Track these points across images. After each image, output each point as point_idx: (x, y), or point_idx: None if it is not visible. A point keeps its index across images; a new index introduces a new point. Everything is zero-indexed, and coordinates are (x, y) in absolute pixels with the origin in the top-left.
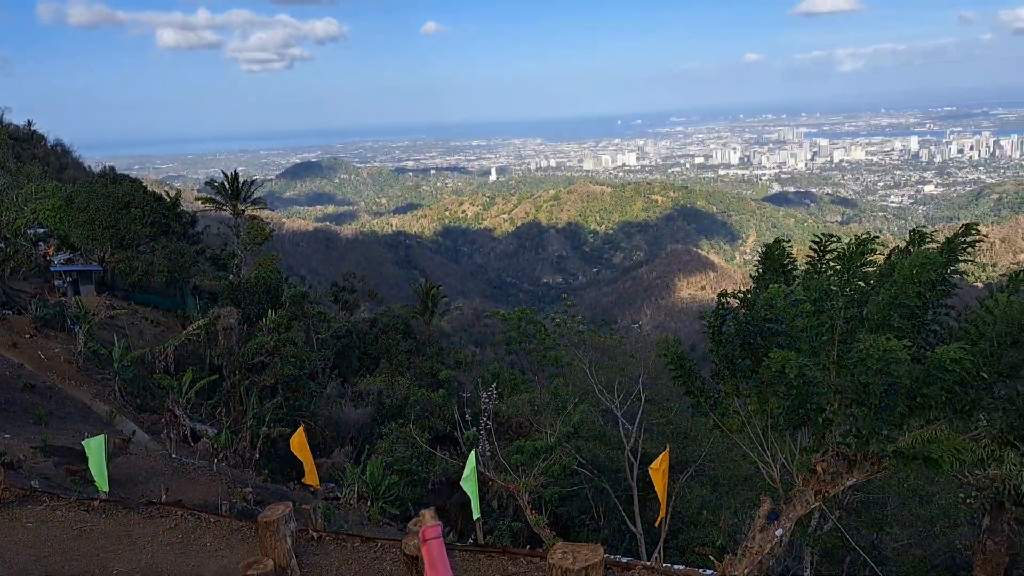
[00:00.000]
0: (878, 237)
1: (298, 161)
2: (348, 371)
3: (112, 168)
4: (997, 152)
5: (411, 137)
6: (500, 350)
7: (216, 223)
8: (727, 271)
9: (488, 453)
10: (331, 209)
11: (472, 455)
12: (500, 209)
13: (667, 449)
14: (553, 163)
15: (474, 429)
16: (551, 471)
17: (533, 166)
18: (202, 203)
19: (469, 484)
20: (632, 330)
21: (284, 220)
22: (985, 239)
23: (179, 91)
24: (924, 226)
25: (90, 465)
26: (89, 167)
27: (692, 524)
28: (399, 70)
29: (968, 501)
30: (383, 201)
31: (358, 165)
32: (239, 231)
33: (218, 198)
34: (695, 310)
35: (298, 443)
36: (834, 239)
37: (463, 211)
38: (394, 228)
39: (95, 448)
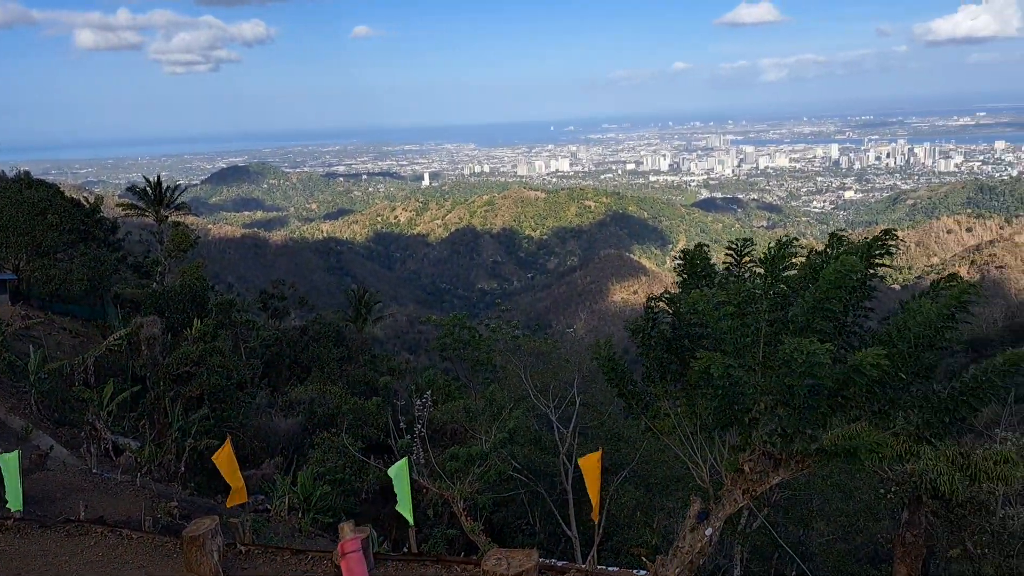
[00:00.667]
0: (797, 240)
1: (225, 166)
2: (278, 380)
3: (27, 173)
4: (911, 159)
5: (342, 142)
6: (434, 356)
7: (139, 230)
8: (659, 275)
9: (422, 461)
10: (259, 215)
11: (404, 460)
12: (434, 215)
13: (600, 451)
14: (487, 168)
15: (408, 437)
16: (486, 477)
17: (467, 171)
18: (123, 209)
19: (399, 484)
20: (567, 334)
21: (210, 226)
22: (902, 243)
23: (99, 93)
24: (844, 230)
25: (4, 482)
26: (2, 172)
27: (626, 526)
28: (330, 74)
29: (888, 496)
30: (313, 207)
31: (287, 170)
32: (163, 238)
33: (140, 204)
34: (628, 314)
35: (224, 458)
36: (750, 243)
37: (396, 217)
38: (325, 234)
39: (10, 464)
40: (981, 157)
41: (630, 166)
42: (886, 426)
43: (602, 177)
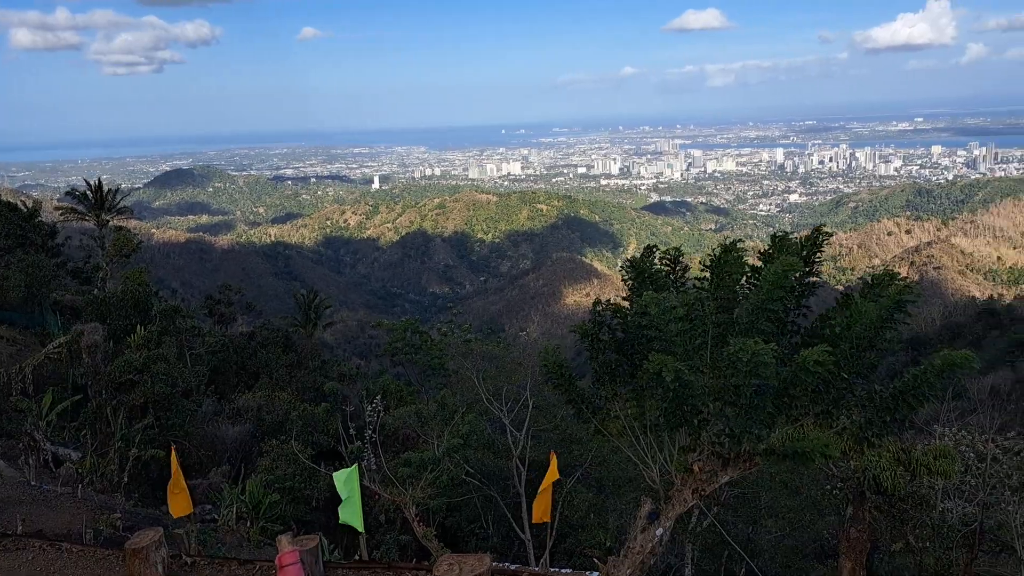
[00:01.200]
0: (742, 241)
1: (168, 169)
2: (225, 387)
3: None
4: (853, 163)
5: (289, 144)
6: (386, 361)
7: (79, 234)
8: (611, 278)
9: (374, 467)
10: (205, 219)
11: (354, 467)
12: (384, 218)
13: (553, 456)
14: (438, 171)
15: (359, 443)
16: (439, 482)
17: (417, 174)
18: (63, 213)
19: (344, 486)
20: (519, 338)
21: (154, 231)
22: (831, 236)
23: (36, 95)
24: (790, 232)
25: None
26: None
27: (580, 527)
28: (276, 75)
29: (833, 492)
30: (261, 210)
31: (233, 173)
32: (104, 243)
33: (80, 208)
34: (580, 317)
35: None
36: (680, 252)
37: (345, 220)
38: (273, 238)
39: None
40: (919, 161)
41: (581, 170)
42: (830, 425)
43: (554, 180)
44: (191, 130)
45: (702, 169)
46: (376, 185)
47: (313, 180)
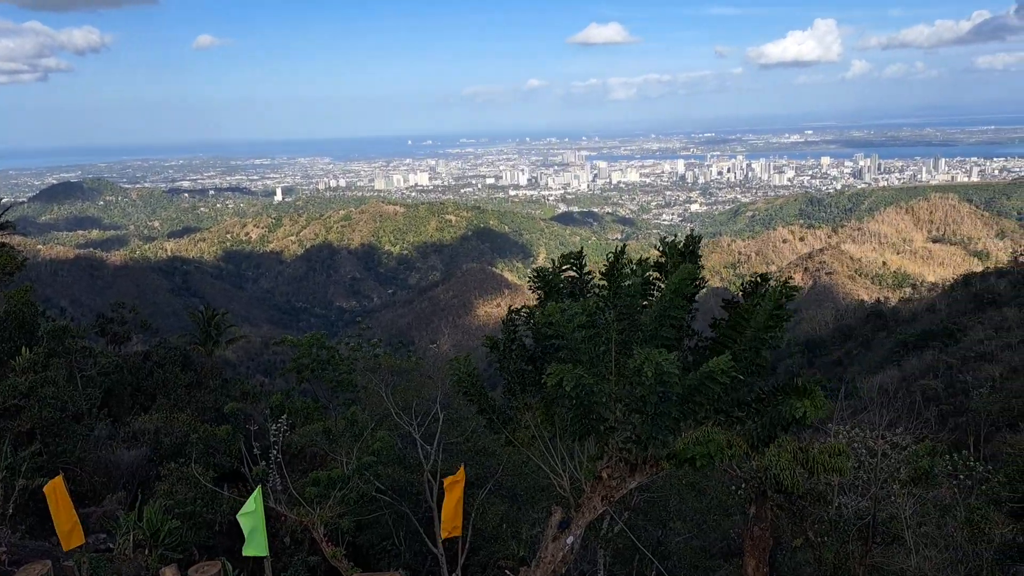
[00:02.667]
0: (625, 246)
1: (56, 182)
2: (120, 410)
3: None
4: (750, 174)
5: (186, 156)
6: (291, 378)
7: None
8: (522, 288)
9: (280, 487)
10: (96, 234)
11: (257, 491)
12: (287, 231)
13: (462, 467)
14: (343, 183)
15: (263, 463)
16: (348, 500)
17: (322, 186)
18: None
19: (248, 519)
20: (430, 351)
21: (40, 247)
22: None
23: None
24: (675, 238)
25: None
26: None
27: (493, 539)
28: (171, 84)
29: (738, 492)
30: (156, 224)
31: (126, 186)
32: None
33: None
34: (492, 328)
35: (55, 496)
36: (581, 256)
37: (247, 233)
38: (169, 253)
39: None
40: (810, 172)
41: (490, 180)
42: (733, 427)
43: (462, 191)
44: (80, 141)
45: (607, 180)
46: (279, 197)
47: (212, 192)
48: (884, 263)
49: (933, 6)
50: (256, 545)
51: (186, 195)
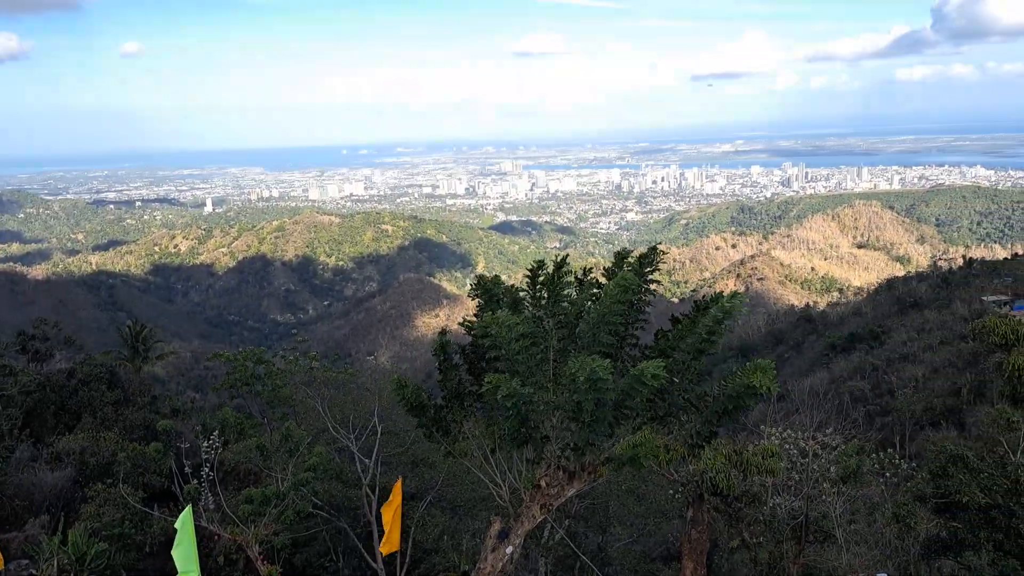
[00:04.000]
0: (567, 256)
1: None
2: (42, 430)
3: None
4: (683, 183)
5: (111, 166)
6: (224, 394)
7: None
8: (461, 298)
9: (213, 506)
10: (15, 248)
11: (187, 510)
12: (218, 242)
13: (399, 482)
14: (276, 193)
15: (195, 482)
16: (284, 517)
17: (254, 196)
18: None
19: (182, 547)
20: (368, 362)
21: None
22: (666, 253)
23: None
24: (629, 249)
25: None
26: None
27: (433, 551)
28: (96, 92)
29: (676, 496)
30: (80, 237)
31: (48, 197)
32: None
33: None
34: (431, 339)
35: None
36: (543, 264)
37: (176, 246)
38: (95, 267)
39: None
40: (741, 180)
41: (427, 190)
42: (668, 431)
43: (399, 201)
44: None
45: (545, 189)
46: (209, 208)
47: (139, 204)
48: (813, 268)
49: (857, 20)
50: (187, 566)
51: (111, 207)
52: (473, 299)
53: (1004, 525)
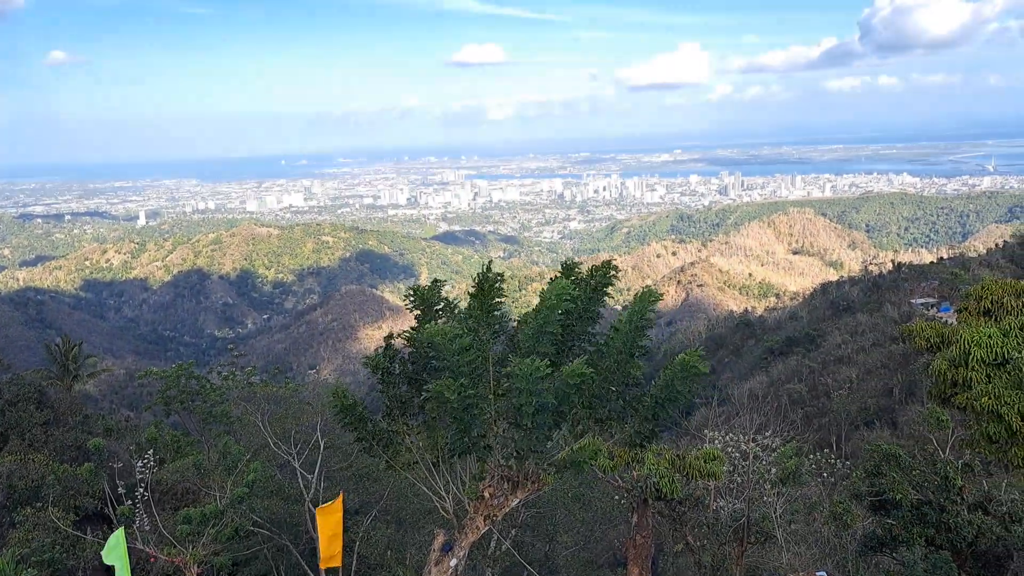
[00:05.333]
0: (491, 262)
1: None
2: None
3: None
4: (624, 192)
5: (38, 179)
6: (159, 411)
7: None
8: (405, 310)
9: (148, 527)
10: None
11: (119, 532)
12: (152, 256)
13: (340, 495)
14: (212, 205)
15: (129, 503)
16: (223, 536)
17: (189, 208)
18: None
19: (115, 559)
20: (309, 376)
21: None
22: (619, 270)
23: None
24: (572, 258)
25: None
26: None
27: (378, 566)
28: (21, 102)
29: (621, 502)
30: (6, 253)
31: None
32: None
33: None
34: (373, 351)
35: None
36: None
37: (108, 260)
38: (21, 283)
39: None
40: (680, 189)
41: (368, 200)
42: (611, 435)
43: (339, 212)
44: None
45: (488, 199)
46: (142, 221)
47: (68, 217)
48: (750, 274)
49: (787, 33)
50: None
51: (39, 220)
52: (410, 310)
53: (935, 520)
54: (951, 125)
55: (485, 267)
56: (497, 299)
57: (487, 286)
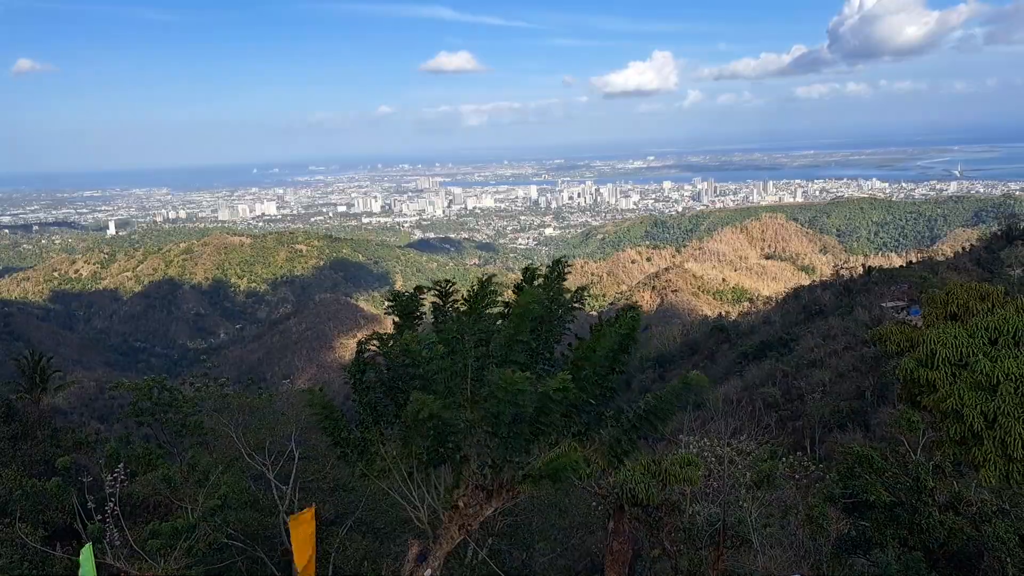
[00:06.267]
0: (495, 275)
1: None
2: None
3: None
4: (598, 198)
5: (5, 189)
6: (130, 424)
7: None
8: (379, 318)
9: (119, 542)
10: None
11: (87, 548)
12: (123, 266)
13: (313, 507)
14: (184, 214)
15: (99, 518)
16: (195, 550)
17: (160, 218)
18: None
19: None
20: (283, 386)
21: None
22: (570, 265)
23: None
24: (535, 264)
25: None
26: None
27: None
28: None
29: (598, 509)
30: None
31: None
32: None
33: None
34: (349, 361)
35: None
36: (452, 283)
37: (77, 271)
38: None
39: None
40: (654, 195)
41: (341, 208)
42: (588, 445)
43: (313, 220)
44: None
45: (463, 206)
46: (112, 231)
47: (36, 228)
48: (724, 280)
49: (758, 40)
50: None
51: (6, 231)
52: (388, 315)
53: (908, 521)
54: (918, 131)
55: (485, 276)
56: (488, 308)
57: (478, 295)
